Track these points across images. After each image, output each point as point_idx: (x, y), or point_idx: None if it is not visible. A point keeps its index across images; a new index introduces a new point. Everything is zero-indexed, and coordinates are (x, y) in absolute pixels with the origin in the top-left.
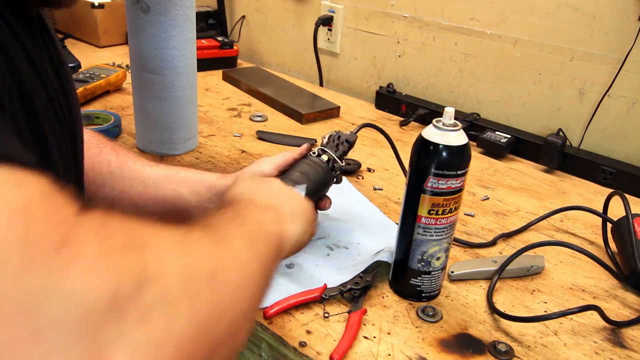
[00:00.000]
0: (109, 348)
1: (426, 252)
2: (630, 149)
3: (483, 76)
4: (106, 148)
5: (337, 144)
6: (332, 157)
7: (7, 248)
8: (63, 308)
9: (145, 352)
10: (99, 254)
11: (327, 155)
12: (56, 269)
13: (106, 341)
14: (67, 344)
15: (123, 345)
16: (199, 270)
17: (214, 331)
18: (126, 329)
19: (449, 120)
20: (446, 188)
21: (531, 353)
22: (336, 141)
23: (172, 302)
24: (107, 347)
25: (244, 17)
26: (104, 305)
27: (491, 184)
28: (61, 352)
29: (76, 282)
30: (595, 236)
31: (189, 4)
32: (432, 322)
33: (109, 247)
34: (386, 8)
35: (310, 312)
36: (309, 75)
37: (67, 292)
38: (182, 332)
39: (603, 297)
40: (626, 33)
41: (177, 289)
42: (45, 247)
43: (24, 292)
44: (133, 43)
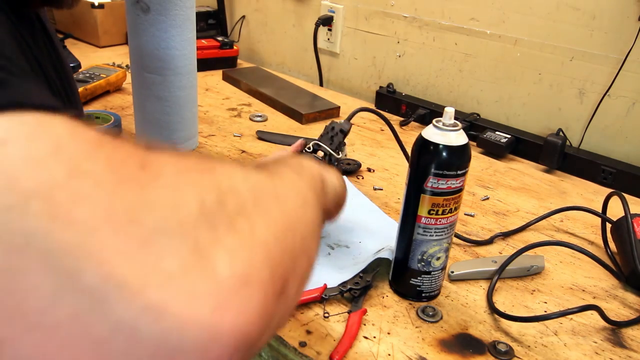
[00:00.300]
0: (209, 251)
1: (426, 252)
2: (630, 149)
3: (483, 76)
4: None
5: (331, 135)
6: (327, 151)
7: (99, 171)
8: (162, 217)
9: (240, 255)
10: (177, 172)
11: (322, 150)
12: (146, 185)
13: (205, 245)
14: (174, 247)
15: (220, 249)
16: (264, 190)
17: (290, 241)
18: (219, 236)
19: (449, 120)
20: (446, 188)
21: (531, 353)
22: (330, 133)
23: (250, 212)
24: (207, 250)
25: (244, 17)
26: (195, 215)
27: (491, 184)
28: (170, 254)
29: (166, 195)
30: (595, 236)
31: (189, 4)
32: (432, 322)
33: (184, 168)
34: (386, 8)
35: (310, 312)
36: (309, 75)
37: (162, 204)
38: (266, 238)
39: (603, 297)
40: (626, 33)
41: (251, 202)
42: (130, 169)
43: (126, 204)
44: (133, 43)
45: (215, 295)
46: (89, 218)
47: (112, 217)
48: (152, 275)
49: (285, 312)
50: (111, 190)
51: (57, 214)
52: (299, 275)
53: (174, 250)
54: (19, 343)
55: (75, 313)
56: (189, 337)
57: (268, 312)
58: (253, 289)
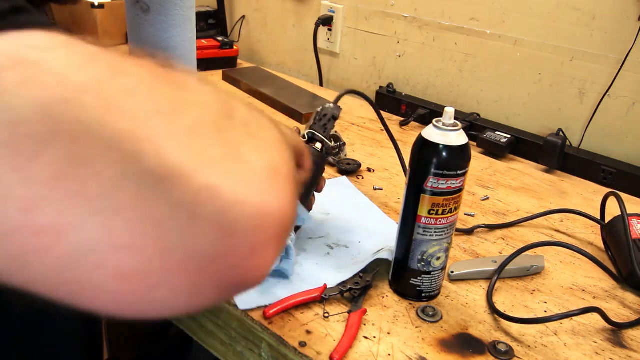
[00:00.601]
0: (240, 147)
1: (426, 252)
2: (630, 149)
3: (483, 76)
4: None
5: (324, 123)
6: (323, 140)
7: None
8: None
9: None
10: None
11: (319, 141)
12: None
13: (235, 141)
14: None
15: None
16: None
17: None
18: (242, 136)
19: (449, 120)
20: (446, 188)
21: (531, 353)
22: (323, 120)
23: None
24: (238, 145)
25: (244, 17)
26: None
27: (491, 184)
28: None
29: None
30: (595, 236)
31: (189, 4)
32: (432, 322)
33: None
34: (386, 8)
35: (310, 312)
36: (309, 75)
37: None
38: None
39: (603, 297)
40: (626, 33)
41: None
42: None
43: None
44: (133, 43)
45: (257, 181)
46: (140, 109)
47: (159, 108)
48: (202, 160)
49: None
50: (152, 87)
51: (110, 105)
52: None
53: (215, 142)
54: (83, 228)
55: (138, 195)
56: (244, 214)
57: (294, 203)
58: (283, 178)
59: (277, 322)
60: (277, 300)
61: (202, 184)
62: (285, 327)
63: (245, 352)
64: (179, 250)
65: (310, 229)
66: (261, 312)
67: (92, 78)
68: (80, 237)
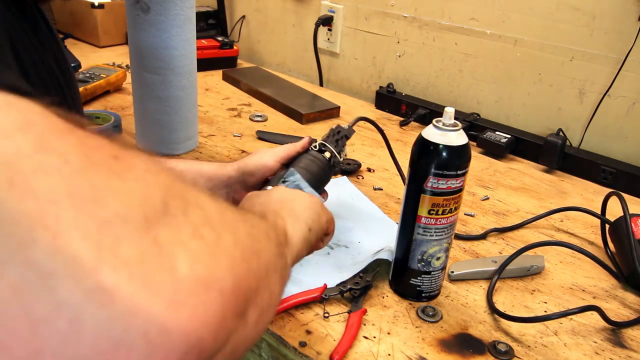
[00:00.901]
0: (170, 249)
1: (426, 252)
2: (630, 149)
3: (483, 76)
4: None
5: (336, 139)
6: (333, 153)
7: (68, 151)
8: (127, 206)
9: (204, 259)
10: (147, 171)
11: (329, 152)
12: (115, 173)
13: (166, 242)
14: (134, 236)
15: (182, 249)
16: (231, 212)
17: (255, 264)
18: (182, 238)
19: (449, 120)
20: (446, 188)
21: (531, 353)
22: (336, 136)
23: (216, 225)
24: (168, 247)
25: (244, 17)
26: (159, 212)
27: (491, 184)
28: (130, 242)
29: (134, 187)
30: (595, 236)
31: (189, 4)
32: (432, 322)
33: (154, 170)
34: (386, 8)
35: (310, 312)
36: (309, 75)
37: (128, 193)
38: (232, 251)
39: (603, 297)
40: (626, 33)
41: (218, 218)
42: (102, 155)
43: (92, 185)
44: (133, 43)
45: (171, 290)
46: (50, 190)
47: (75, 193)
48: (108, 257)
49: (242, 339)
50: (79, 169)
51: (16, 182)
52: (259, 306)
53: (134, 239)
54: None
55: (18, 287)
56: (135, 329)
57: (226, 326)
58: (213, 294)
59: (277, 322)
60: None
61: (96, 285)
62: (285, 327)
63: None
64: (51, 357)
65: None
66: None
67: (10, 150)
68: None
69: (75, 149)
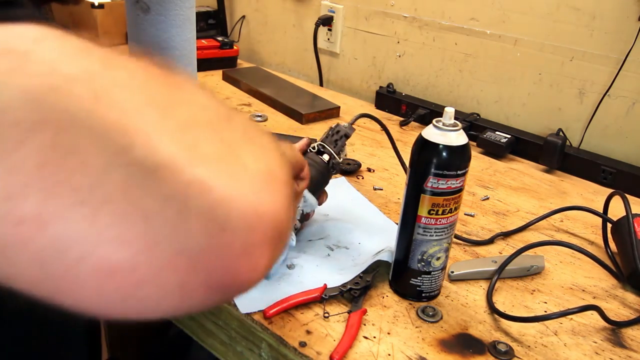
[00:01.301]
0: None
1: (426, 252)
2: (630, 149)
3: (483, 76)
4: None
5: (335, 139)
6: (331, 154)
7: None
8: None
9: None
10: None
11: (327, 154)
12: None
13: (231, 142)
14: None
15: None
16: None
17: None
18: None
19: (449, 120)
20: (446, 188)
21: (531, 353)
22: (335, 136)
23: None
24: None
25: (244, 17)
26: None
27: (491, 184)
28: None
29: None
30: (595, 236)
31: (189, 4)
32: (432, 322)
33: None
34: (386, 8)
35: (310, 312)
36: (309, 75)
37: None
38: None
39: (603, 297)
40: (626, 33)
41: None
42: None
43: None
44: (133, 43)
45: (250, 182)
46: (131, 101)
47: (152, 102)
48: (195, 155)
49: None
50: (145, 82)
51: (100, 96)
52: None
53: (209, 140)
54: (67, 218)
55: (126, 187)
56: (236, 212)
57: (291, 209)
58: (278, 184)
59: (277, 322)
60: (277, 300)
61: (193, 178)
62: (285, 327)
63: (245, 352)
64: (167, 245)
65: (310, 231)
66: (261, 312)
67: (83, 69)
68: (64, 227)
69: (134, 65)
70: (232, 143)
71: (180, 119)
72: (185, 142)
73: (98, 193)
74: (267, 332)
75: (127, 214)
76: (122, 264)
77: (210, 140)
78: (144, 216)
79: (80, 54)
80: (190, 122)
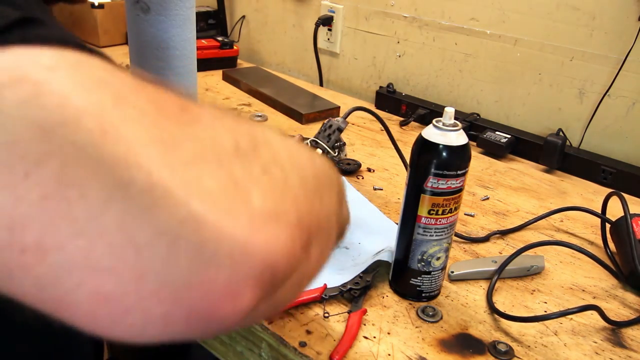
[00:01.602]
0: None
1: (426, 252)
2: (630, 149)
3: (483, 76)
4: None
5: (328, 133)
6: (324, 148)
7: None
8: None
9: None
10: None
11: (320, 148)
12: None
13: (239, 178)
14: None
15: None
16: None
17: (317, 205)
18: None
19: (449, 120)
20: (446, 188)
21: (531, 353)
22: (328, 130)
23: (284, 164)
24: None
25: (244, 17)
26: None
27: (491, 184)
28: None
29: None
30: (595, 236)
31: (189, 4)
32: (432, 322)
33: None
34: (386, 8)
35: (310, 312)
36: (309, 75)
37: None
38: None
39: (603, 297)
40: (626, 33)
41: (286, 156)
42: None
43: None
44: (133, 43)
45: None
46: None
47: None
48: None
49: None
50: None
51: (108, 130)
52: (320, 244)
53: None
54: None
55: (122, 220)
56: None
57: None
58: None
59: (277, 322)
60: None
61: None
62: (285, 327)
63: (245, 352)
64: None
65: None
66: None
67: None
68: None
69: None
70: (241, 177)
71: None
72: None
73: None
74: (267, 332)
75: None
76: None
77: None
78: (136, 249)
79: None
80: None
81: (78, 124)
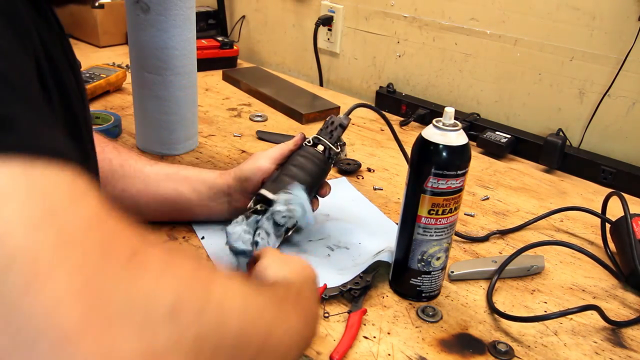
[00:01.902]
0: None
1: (426, 252)
2: (630, 149)
3: (483, 76)
4: (108, 147)
5: (330, 130)
6: (327, 145)
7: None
8: (129, 307)
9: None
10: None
11: (322, 145)
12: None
13: (159, 346)
14: (130, 337)
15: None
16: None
17: None
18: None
19: (449, 120)
20: (446, 188)
21: (531, 353)
22: (330, 127)
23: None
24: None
25: (244, 17)
26: (164, 313)
27: (491, 184)
28: (126, 342)
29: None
30: (595, 236)
31: (189, 4)
32: (432, 322)
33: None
34: (386, 8)
35: None
36: (309, 75)
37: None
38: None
39: (603, 297)
40: (626, 33)
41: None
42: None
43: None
44: (133, 43)
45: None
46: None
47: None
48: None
49: None
50: (93, 269)
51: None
52: None
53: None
54: None
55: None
56: None
57: None
58: None
59: None
60: None
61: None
62: None
63: None
64: None
65: (310, 231)
66: None
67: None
68: None
69: (94, 245)
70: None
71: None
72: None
73: None
74: None
75: None
76: None
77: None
78: None
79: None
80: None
81: (10, 266)
